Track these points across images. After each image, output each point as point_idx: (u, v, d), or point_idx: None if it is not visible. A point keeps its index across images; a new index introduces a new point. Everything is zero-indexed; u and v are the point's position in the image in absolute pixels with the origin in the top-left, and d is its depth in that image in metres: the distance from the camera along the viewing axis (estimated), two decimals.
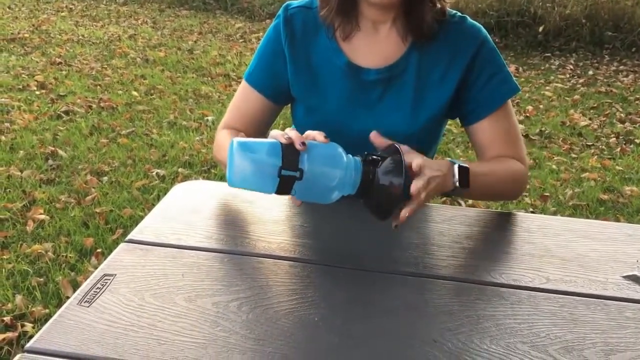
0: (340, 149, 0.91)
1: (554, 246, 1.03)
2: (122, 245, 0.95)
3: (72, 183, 2.89)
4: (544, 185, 3.32)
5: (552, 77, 5.50)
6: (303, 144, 0.88)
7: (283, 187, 0.88)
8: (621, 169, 3.61)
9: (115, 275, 0.87)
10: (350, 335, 0.78)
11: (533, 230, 1.08)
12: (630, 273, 0.96)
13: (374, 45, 1.16)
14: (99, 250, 2.32)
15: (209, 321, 0.78)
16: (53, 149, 3.26)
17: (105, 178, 2.97)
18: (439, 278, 0.92)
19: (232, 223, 1.05)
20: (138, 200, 2.76)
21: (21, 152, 3.20)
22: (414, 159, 0.94)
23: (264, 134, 1.26)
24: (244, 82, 1.25)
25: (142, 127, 3.72)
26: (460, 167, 1.03)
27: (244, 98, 1.25)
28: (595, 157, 3.80)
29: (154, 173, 3.05)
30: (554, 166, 3.60)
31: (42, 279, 2.10)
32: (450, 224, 1.08)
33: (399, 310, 0.84)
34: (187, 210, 1.08)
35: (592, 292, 0.90)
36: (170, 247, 0.95)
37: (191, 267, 0.90)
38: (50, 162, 3.12)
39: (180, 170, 3.12)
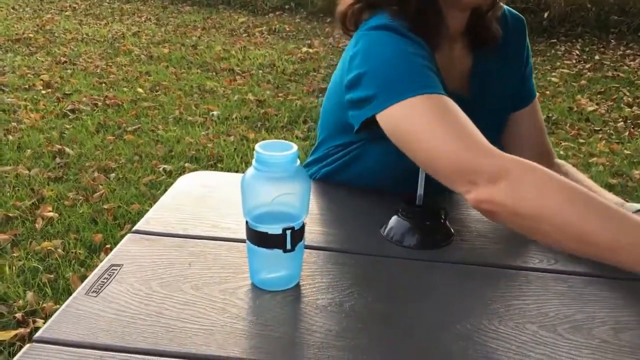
0: None
1: None
2: (128, 236, 0.95)
3: (80, 180, 2.90)
4: None
5: (558, 63, 5.47)
6: None
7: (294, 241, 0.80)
8: (629, 152, 3.59)
9: (122, 265, 0.87)
10: (357, 318, 0.77)
11: None
12: None
13: (451, 65, 1.06)
14: (108, 245, 2.33)
15: (216, 308, 0.78)
16: (60, 147, 3.28)
17: (113, 175, 2.98)
18: (448, 262, 0.91)
19: (239, 212, 1.04)
20: (145, 196, 2.77)
21: (29, 150, 3.22)
22: None
23: None
24: (437, 99, 0.89)
25: (148, 123, 3.73)
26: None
27: (457, 115, 0.89)
28: (603, 141, 3.78)
29: (161, 168, 3.06)
30: (562, 152, 3.58)
31: (52, 276, 2.12)
32: (459, 208, 1.08)
33: (407, 294, 0.83)
34: (192, 201, 1.08)
35: (601, 272, 0.89)
36: (176, 236, 0.95)
37: (198, 255, 0.90)
38: (57, 160, 3.14)
39: (187, 165, 3.13)
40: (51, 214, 2.56)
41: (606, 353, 0.72)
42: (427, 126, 0.88)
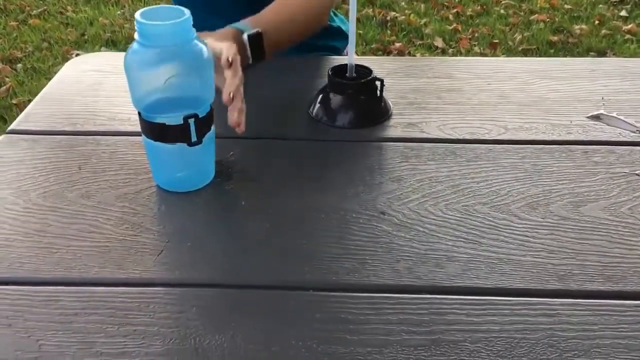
0: None
1: (510, 91, 0.91)
2: (2, 138, 0.79)
3: None
4: (492, 32, 3.18)
5: None
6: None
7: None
8: (570, 7, 3.48)
9: None
10: (282, 218, 0.66)
11: (487, 76, 0.95)
12: (596, 112, 0.85)
13: None
14: None
15: (112, 219, 0.65)
16: None
17: (20, 65, 2.68)
18: (383, 140, 0.80)
19: None
20: None
21: None
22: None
23: None
24: None
25: (55, 4, 3.34)
26: (251, 37, 0.84)
27: None
28: None
29: (74, 55, 2.77)
30: (502, 11, 3.44)
31: None
32: (394, 76, 0.94)
33: (339, 183, 0.72)
34: (84, 90, 0.91)
35: (554, 138, 0.80)
36: (63, 134, 0.79)
37: (90, 156, 0.75)
38: None
39: (102, 49, 2.84)
40: None
41: (566, 232, 0.64)
42: None
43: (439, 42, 3.09)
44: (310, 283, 0.57)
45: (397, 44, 3.05)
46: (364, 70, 0.84)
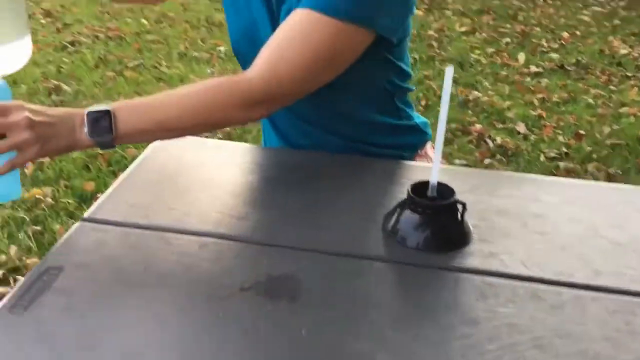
0: None
1: (603, 225, 0.84)
2: (77, 226, 0.79)
3: None
4: (579, 122, 3.08)
5: (590, 0, 5.09)
6: None
7: None
8: None
9: (64, 268, 0.71)
10: (352, 355, 0.62)
11: (577, 202, 0.89)
12: None
13: None
14: (99, 195, 2.19)
15: (173, 334, 0.63)
16: (57, 83, 3.10)
17: None
18: (460, 270, 0.75)
19: (221, 190, 0.88)
20: None
21: (23, 86, 3.04)
22: None
23: None
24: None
25: (151, 58, 3.52)
26: (94, 112, 0.78)
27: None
28: (636, 89, 3.51)
29: None
30: (590, 100, 3.33)
31: (38, 228, 1.99)
32: (476, 192, 0.90)
33: (409, 315, 0.67)
34: (163, 180, 0.91)
35: None
36: (134, 227, 0.79)
37: (156, 255, 0.74)
38: (53, 97, 2.97)
39: None
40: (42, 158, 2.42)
41: None
42: None
43: (521, 127, 3.01)
44: None
45: (478, 126, 3.00)
46: (445, 189, 0.81)
